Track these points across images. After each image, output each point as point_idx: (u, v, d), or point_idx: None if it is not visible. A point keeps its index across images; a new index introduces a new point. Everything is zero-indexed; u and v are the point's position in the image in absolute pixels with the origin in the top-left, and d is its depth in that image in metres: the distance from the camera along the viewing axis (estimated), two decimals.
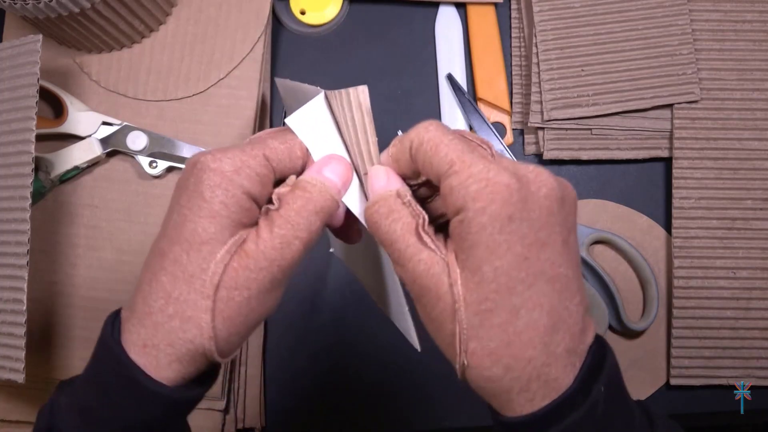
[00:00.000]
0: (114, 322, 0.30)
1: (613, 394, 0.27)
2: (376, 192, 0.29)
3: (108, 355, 0.29)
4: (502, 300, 0.25)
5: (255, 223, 0.29)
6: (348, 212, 0.32)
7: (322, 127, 0.32)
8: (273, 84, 0.57)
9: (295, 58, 0.58)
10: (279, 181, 0.31)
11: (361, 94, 0.29)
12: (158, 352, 0.28)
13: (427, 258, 0.27)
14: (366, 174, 0.31)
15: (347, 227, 0.32)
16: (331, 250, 0.42)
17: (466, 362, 0.26)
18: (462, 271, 0.26)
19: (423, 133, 0.28)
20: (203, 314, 0.27)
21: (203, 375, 0.30)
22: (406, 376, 0.54)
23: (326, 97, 0.32)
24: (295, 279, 0.36)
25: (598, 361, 0.27)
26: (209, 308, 0.27)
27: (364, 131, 0.31)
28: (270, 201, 0.30)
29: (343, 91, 0.30)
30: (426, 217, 0.27)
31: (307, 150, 0.31)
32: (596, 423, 0.26)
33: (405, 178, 0.30)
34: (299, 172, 0.31)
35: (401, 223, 0.27)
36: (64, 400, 0.30)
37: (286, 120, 0.31)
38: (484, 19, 0.57)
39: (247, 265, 0.27)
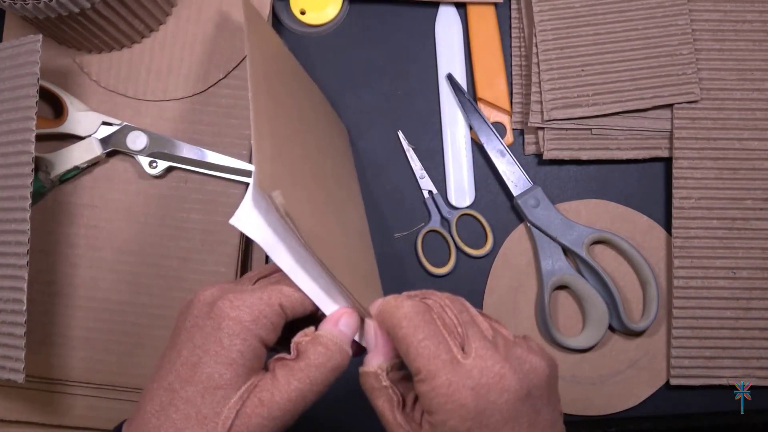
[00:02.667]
0: None
1: None
2: (369, 360, 0.32)
3: None
4: None
5: (263, 367, 0.31)
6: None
7: (272, 223, 0.32)
8: None
9: (295, 58, 0.58)
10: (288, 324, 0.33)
11: (276, 199, 0.28)
12: None
13: None
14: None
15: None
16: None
17: None
18: None
19: (397, 329, 0.30)
20: None
21: None
22: None
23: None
24: None
25: None
26: None
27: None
28: (278, 343, 0.32)
29: (263, 195, 0.29)
30: (400, 399, 0.31)
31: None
32: None
33: None
34: (311, 319, 0.33)
35: (382, 400, 0.31)
36: None
37: (231, 221, 0.32)
38: (484, 19, 0.57)
39: (260, 413, 0.29)
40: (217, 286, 0.31)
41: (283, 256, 0.32)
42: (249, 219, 0.32)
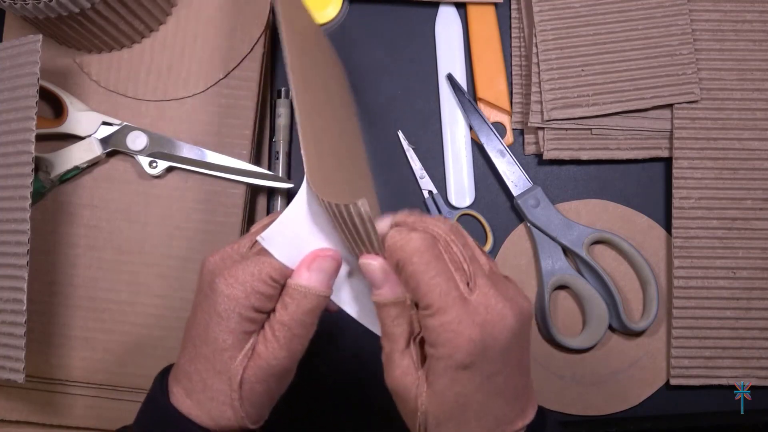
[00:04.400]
0: (162, 386, 0.35)
1: None
2: (385, 294, 0.33)
3: (163, 415, 0.34)
4: (458, 414, 0.31)
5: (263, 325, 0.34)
6: None
7: (304, 229, 0.34)
8: (273, 84, 0.57)
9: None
10: None
11: (361, 208, 0.30)
12: (203, 421, 0.34)
13: (405, 366, 0.32)
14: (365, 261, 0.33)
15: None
16: None
17: None
18: (428, 388, 0.31)
19: (407, 264, 0.31)
20: (234, 402, 0.33)
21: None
22: None
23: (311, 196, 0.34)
24: None
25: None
26: (236, 398, 0.33)
27: (367, 238, 0.32)
28: None
29: (339, 204, 0.31)
30: (419, 333, 0.32)
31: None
32: None
33: None
34: None
35: (401, 329, 0.32)
36: None
37: (259, 239, 0.34)
38: (484, 19, 0.57)
39: (260, 365, 0.33)
40: (219, 254, 0.35)
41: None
42: (278, 239, 0.34)
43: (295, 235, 0.34)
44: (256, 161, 0.54)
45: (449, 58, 0.57)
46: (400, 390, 0.32)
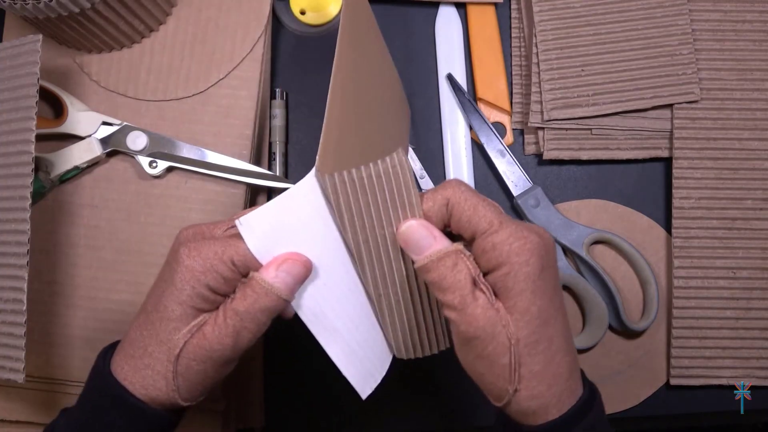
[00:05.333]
0: (105, 356, 0.36)
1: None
2: (438, 248, 0.32)
3: (101, 381, 0.35)
4: (543, 332, 0.32)
5: (217, 308, 0.34)
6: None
7: (284, 226, 0.34)
8: (273, 84, 0.57)
9: (295, 58, 0.58)
10: None
11: (398, 155, 0.30)
12: (135, 389, 0.34)
13: (483, 303, 0.32)
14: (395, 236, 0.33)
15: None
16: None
17: (518, 387, 0.32)
18: (511, 315, 0.31)
19: (459, 193, 0.33)
20: (168, 373, 0.33)
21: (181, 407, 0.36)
22: (407, 376, 0.54)
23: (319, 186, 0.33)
24: None
25: (590, 384, 0.35)
26: (171, 371, 0.33)
27: (403, 197, 0.32)
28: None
29: (376, 163, 0.31)
30: (479, 270, 0.32)
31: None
32: (603, 420, 0.34)
33: None
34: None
35: (464, 273, 0.32)
36: (62, 422, 0.37)
37: (237, 222, 0.33)
38: (484, 19, 0.57)
39: (203, 345, 0.33)
40: (194, 227, 0.36)
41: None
42: (255, 226, 0.33)
43: (273, 229, 0.34)
44: (256, 161, 0.54)
45: (449, 58, 0.57)
46: (487, 327, 0.31)
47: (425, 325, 0.37)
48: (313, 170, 0.33)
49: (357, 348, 0.37)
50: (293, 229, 0.34)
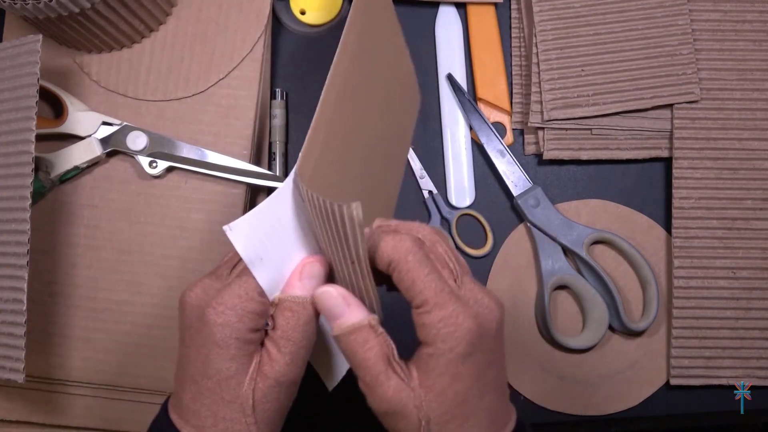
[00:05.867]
0: (168, 424, 0.34)
1: None
2: (347, 321, 0.32)
3: None
4: (458, 411, 0.31)
5: (262, 342, 0.34)
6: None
7: (274, 228, 0.33)
8: (273, 84, 0.57)
9: (295, 58, 0.58)
10: None
11: (354, 210, 0.29)
12: None
13: (395, 384, 0.31)
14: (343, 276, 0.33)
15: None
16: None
17: None
18: (426, 394, 0.31)
19: (402, 262, 0.31)
20: (251, 427, 0.33)
21: None
22: None
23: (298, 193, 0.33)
24: None
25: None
26: (253, 423, 0.33)
27: (347, 243, 0.30)
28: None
29: (332, 204, 0.29)
30: (393, 346, 0.32)
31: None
32: None
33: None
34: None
35: (374, 351, 0.31)
36: None
37: (225, 228, 0.33)
38: (484, 19, 0.57)
39: (269, 384, 0.33)
40: (199, 286, 0.34)
41: (263, 272, 0.33)
42: (244, 231, 0.33)
43: (261, 232, 0.33)
44: (256, 161, 0.54)
45: (449, 58, 0.57)
46: (398, 408, 0.31)
47: None
48: (293, 173, 0.33)
49: (321, 340, 0.37)
50: (281, 230, 0.34)
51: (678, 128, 0.53)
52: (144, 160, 0.51)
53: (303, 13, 0.58)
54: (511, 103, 0.57)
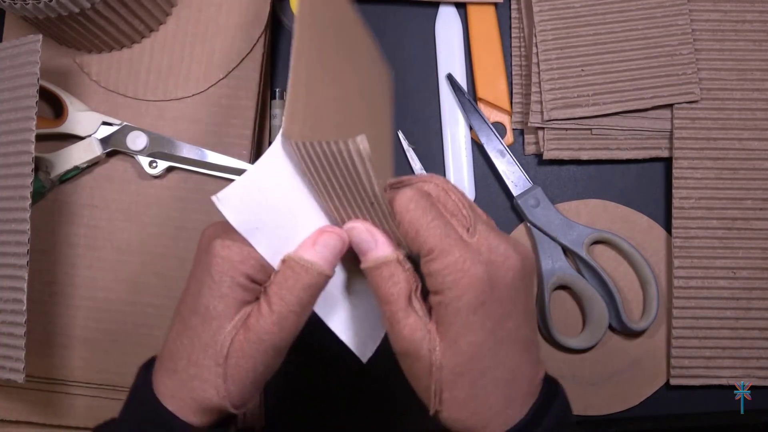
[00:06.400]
0: (146, 373, 0.34)
1: (563, 425, 0.32)
2: (376, 255, 0.32)
3: (144, 402, 0.33)
4: (472, 365, 0.30)
5: (258, 299, 0.33)
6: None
7: (267, 195, 0.32)
8: (273, 84, 0.57)
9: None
10: None
11: (360, 143, 0.28)
12: (184, 403, 0.32)
13: (413, 323, 0.31)
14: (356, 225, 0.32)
15: None
16: None
17: (438, 409, 0.32)
18: (441, 341, 0.30)
19: (404, 213, 0.31)
20: (217, 378, 0.32)
21: (226, 417, 0.34)
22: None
23: (292, 150, 0.32)
24: None
25: (549, 399, 0.32)
26: (221, 374, 0.31)
27: (362, 183, 0.30)
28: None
29: (336, 142, 0.29)
30: (420, 284, 0.31)
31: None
32: None
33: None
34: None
35: (399, 287, 0.31)
36: None
37: (213, 199, 0.32)
38: (484, 19, 0.57)
39: (249, 338, 0.31)
40: (219, 223, 0.33)
41: (262, 243, 0.32)
42: (234, 201, 0.32)
43: (252, 201, 0.32)
44: (256, 161, 0.54)
45: (449, 58, 0.57)
46: (411, 348, 0.31)
47: None
48: (280, 135, 0.32)
49: (353, 312, 0.36)
50: (273, 198, 0.33)
51: (678, 128, 0.53)
52: (144, 160, 0.51)
53: None
54: (511, 103, 0.57)
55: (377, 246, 0.32)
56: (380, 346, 0.54)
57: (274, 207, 0.33)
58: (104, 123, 0.51)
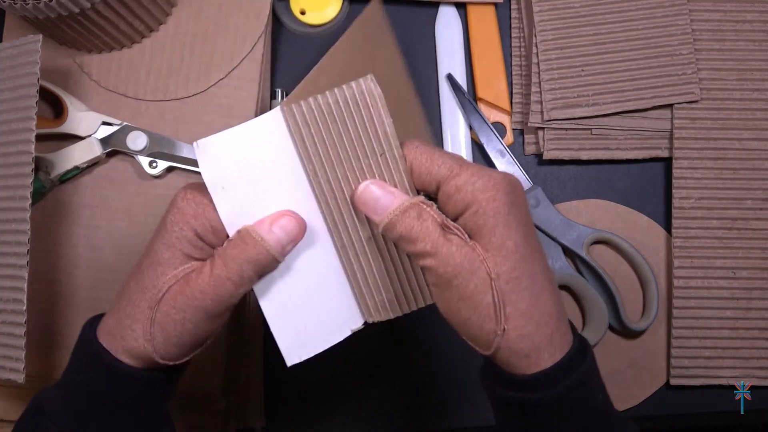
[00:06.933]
0: (94, 318, 0.36)
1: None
2: (398, 203, 0.32)
3: (82, 341, 0.35)
4: (524, 267, 0.31)
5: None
6: None
7: (247, 158, 0.32)
8: (273, 84, 0.57)
9: (295, 58, 0.58)
10: None
11: (371, 81, 0.29)
12: (116, 341, 0.33)
13: (457, 242, 0.31)
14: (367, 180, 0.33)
15: None
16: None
17: (505, 327, 0.31)
18: (488, 252, 0.31)
19: (414, 149, 0.33)
20: (146, 320, 0.33)
21: (165, 368, 0.34)
22: (407, 376, 0.54)
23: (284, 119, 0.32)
24: None
25: (583, 342, 0.34)
26: (149, 317, 0.32)
27: (373, 126, 0.30)
28: None
29: (348, 86, 0.29)
30: (445, 216, 0.32)
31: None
32: (596, 372, 0.34)
33: None
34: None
35: (430, 221, 0.31)
36: (51, 385, 0.36)
37: (194, 144, 0.32)
38: (484, 19, 0.57)
39: (184, 292, 0.32)
40: (196, 185, 0.34)
41: (225, 203, 0.32)
42: (213, 151, 0.32)
43: (231, 160, 0.32)
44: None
45: (449, 58, 0.57)
46: (465, 264, 0.31)
47: (397, 279, 0.35)
48: (279, 105, 0.32)
49: (297, 311, 0.35)
50: (253, 164, 0.33)
51: (678, 128, 0.53)
52: (144, 160, 0.51)
53: (303, 13, 0.58)
54: (511, 103, 0.57)
55: (396, 196, 0.32)
56: (375, 347, 0.54)
57: (249, 173, 0.33)
58: (104, 123, 0.51)
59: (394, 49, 0.47)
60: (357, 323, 0.36)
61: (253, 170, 0.33)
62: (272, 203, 0.33)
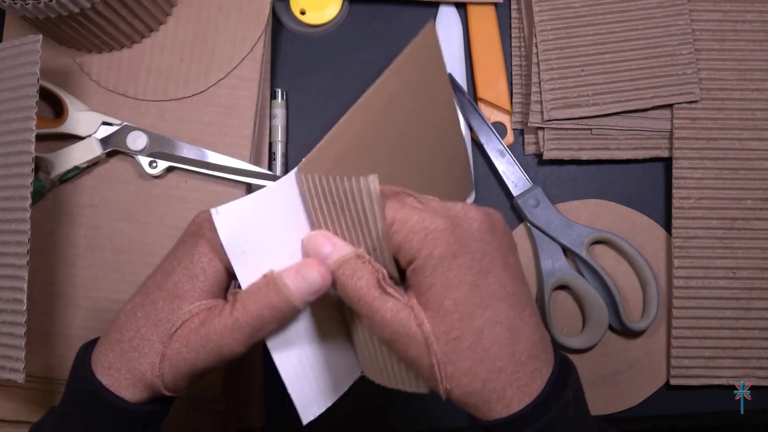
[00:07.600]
0: (86, 349, 0.34)
1: (579, 401, 0.31)
2: (334, 257, 0.31)
3: (79, 375, 0.33)
4: (466, 326, 0.29)
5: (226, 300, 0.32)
6: None
7: (264, 223, 0.32)
8: (273, 84, 0.57)
9: (295, 58, 0.58)
10: None
11: (371, 183, 0.28)
12: (119, 375, 0.32)
13: (392, 306, 0.30)
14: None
15: None
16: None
17: (448, 387, 0.30)
18: (426, 312, 0.29)
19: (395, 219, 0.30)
20: (155, 355, 0.32)
21: (165, 398, 0.34)
22: None
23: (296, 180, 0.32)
24: None
25: (564, 371, 0.31)
26: (160, 352, 0.31)
27: (366, 221, 0.30)
28: None
29: (349, 179, 0.29)
30: (384, 271, 0.30)
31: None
32: (568, 423, 0.30)
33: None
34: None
35: (365, 279, 0.30)
36: (47, 418, 0.35)
37: (212, 210, 0.31)
38: (484, 19, 0.57)
39: (200, 332, 0.31)
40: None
41: (243, 266, 0.32)
42: (231, 219, 0.32)
43: (249, 224, 0.32)
44: (256, 161, 0.54)
45: (449, 58, 0.57)
46: (401, 329, 0.29)
47: (384, 354, 0.34)
48: (295, 169, 0.32)
49: (309, 367, 0.35)
50: (269, 227, 0.32)
51: (678, 128, 0.53)
52: (144, 160, 0.51)
53: (303, 13, 0.58)
54: (511, 103, 0.57)
55: (335, 248, 0.31)
56: None
57: (267, 238, 0.32)
58: (104, 123, 0.51)
59: (444, 82, 0.45)
60: (358, 371, 0.37)
61: (271, 234, 0.32)
62: (288, 264, 0.33)
